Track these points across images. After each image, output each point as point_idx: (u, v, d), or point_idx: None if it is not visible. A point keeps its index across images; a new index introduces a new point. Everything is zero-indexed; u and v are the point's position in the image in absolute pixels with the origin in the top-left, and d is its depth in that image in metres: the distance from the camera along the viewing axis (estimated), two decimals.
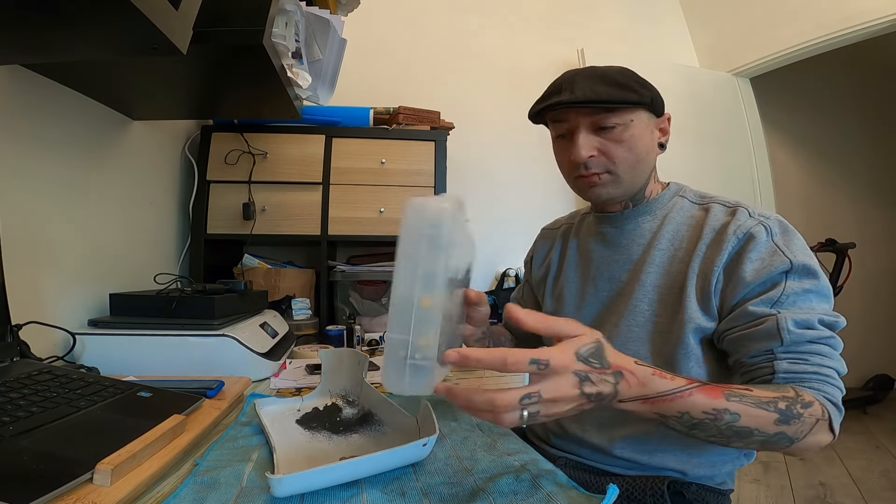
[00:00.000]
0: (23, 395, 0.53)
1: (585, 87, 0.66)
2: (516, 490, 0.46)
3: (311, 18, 1.07)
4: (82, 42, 0.59)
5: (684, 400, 0.49)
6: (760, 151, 2.44)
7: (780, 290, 0.58)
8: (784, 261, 0.59)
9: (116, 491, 0.40)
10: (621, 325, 0.70)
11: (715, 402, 0.50)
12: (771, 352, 0.57)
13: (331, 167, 1.56)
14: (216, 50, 0.81)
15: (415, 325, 0.43)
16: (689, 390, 0.49)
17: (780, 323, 0.56)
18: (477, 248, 0.62)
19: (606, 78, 0.67)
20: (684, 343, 0.65)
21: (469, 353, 0.42)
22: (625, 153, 0.68)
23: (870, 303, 3.07)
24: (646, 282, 0.70)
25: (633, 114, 0.67)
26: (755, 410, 0.50)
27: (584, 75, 0.68)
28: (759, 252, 0.61)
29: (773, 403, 0.51)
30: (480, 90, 2.22)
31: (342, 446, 0.57)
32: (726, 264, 0.63)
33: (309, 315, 1.41)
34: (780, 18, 2.21)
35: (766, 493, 1.83)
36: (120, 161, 1.11)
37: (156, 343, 0.85)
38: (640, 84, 0.68)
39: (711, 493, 0.69)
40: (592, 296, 0.77)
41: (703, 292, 0.64)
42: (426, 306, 0.43)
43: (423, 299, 0.43)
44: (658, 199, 0.74)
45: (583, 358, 0.44)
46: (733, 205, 0.68)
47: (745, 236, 0.62)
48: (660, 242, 0.71)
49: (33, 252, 0.83)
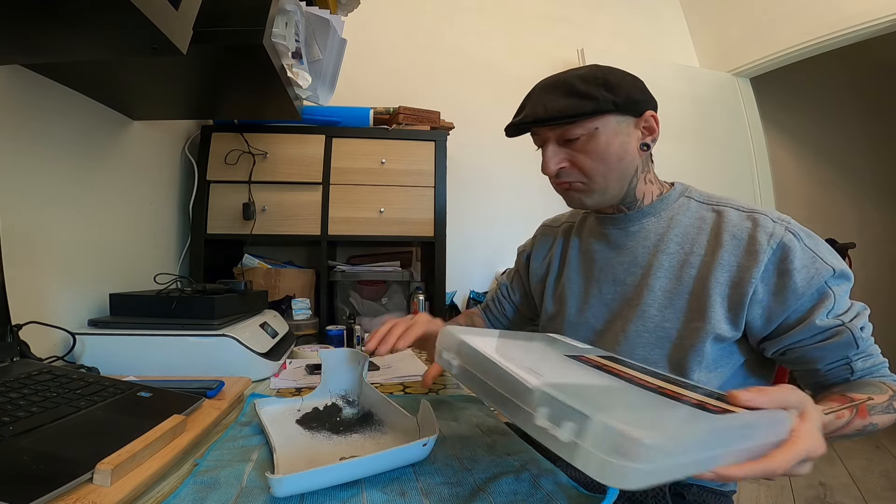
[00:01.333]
0: (23, 396, 0.53)
1: (538, 105, 0.67)
2: (516, 490, 0.46)
3: (311, 18, 1.07)
4: (82, 42, 0.59)
5: (846, 428, 0.53)
6: (760, 151, 2.44)
7: (833, 299, 0.60)
8: (827, 268, 0.60)
9: (116, 491, 0.40)
10: (629, 330, 0.70)
11: (864, 420, 0.54)
12: (846, 358, 0.61)
13: (331, 167, 1.57)
14: (216, 50, 0.81)
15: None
16: (852, 420, 0.53)
17: (854, 333, 0.59)
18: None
19: (566, 88, 0.66)
20: (698, 350, 0.64)
21: (734, 472, 0.35)
22: (593, 163, 0.68)
23: (870, 303, 3.04)
24: (654, 286, 0.69)
25: (598, 121, 0.66)
26: (885, 416, 0.56)
27: (545, 88, 0.68)
28: (801, 261, 0.60)
29: (890, 405, 0.56)
30: (480, 90, 2.23)
31: (342, 446, 0.57)
32: (765, 276, 0.62)
33: (309, 315, 1.41)
34: (780, 18, 2.21)
35: (766, 493, 1.83)
36: (120, 161, 1.11)
37: (156, 343, 0.85)
38: (607, 87, 0.65)
39: (712, 494, 0.69)
40: (597, 298, 0.76)
41: (734, 303, 0.63)
42: None
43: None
44: (663, 199, 0.73)
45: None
46: (749, 210, 0.67)
47: (780, 246, 0.61)
48: (668, 246, 0.69)
49: (33, 252, 0.83)
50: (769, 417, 0.38)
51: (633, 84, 0.68)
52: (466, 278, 2.10)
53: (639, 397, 0.40)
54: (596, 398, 0.38)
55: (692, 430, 0.34)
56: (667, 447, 0.30)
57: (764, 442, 0.37)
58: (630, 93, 0.67)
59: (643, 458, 0.29)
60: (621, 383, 0.43)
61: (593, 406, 0.33)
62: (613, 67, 0.70)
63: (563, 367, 0.48)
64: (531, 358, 0.49)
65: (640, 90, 0.69)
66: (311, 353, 1.10)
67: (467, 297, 2.06)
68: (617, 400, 0.40)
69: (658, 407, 0.39)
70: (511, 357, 0.44)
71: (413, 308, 1.67)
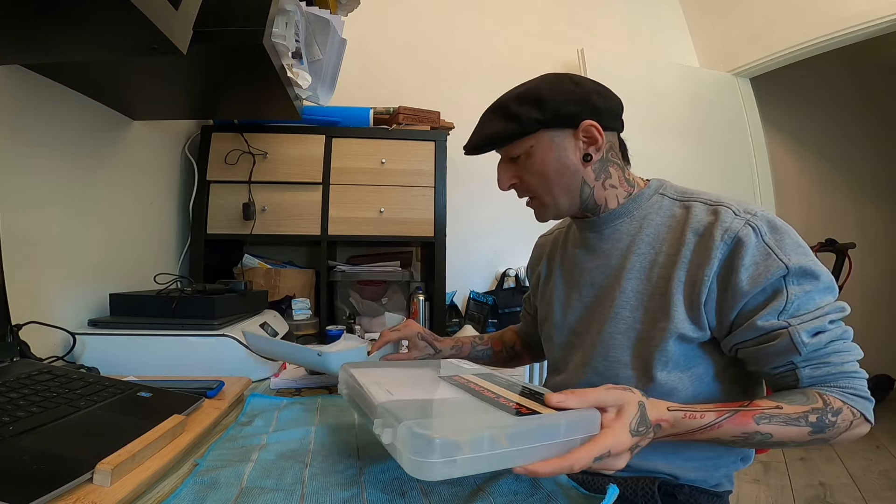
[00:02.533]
0: (23, 395, 0.53)
1: (477, 131, 0.71)
2: (516, 490, 0.46)
3: (311, 18, 1.07)
4: (82, 42, 0.59)
5: (713, 431, 0.53)
6: (760, 151, 2.44)
7: (784, 299, 0.56)
8: (780, 265, 0.56)
9: (116, 491, 0.40)
10: (603, 333, 0.69)
11: (745, 427, 0.53)
12: (791, 363, 0.57)
13: (331, 167, 1.57)
14: (216, 50, 0.81)
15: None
16: (718, 423, 0.52)
17: (794, 337, 0.55)
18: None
19: (503, 110, 0.68)
20: (663, 350, 0.63)
21: (537, 468, 0.39)
22: (535, 179, 0.70)
23: (870, 303, 3.07)
24: (627, 288, 0.68)
25: (531, 139, 0.67)
26: (786, 428, 0.53)
27: (490, 110, 0.71)
28: (752, 257, 0.58)
29: (803, 418, 0.53)
30: (481, 90, 2.21)
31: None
32: (718, 273, 0.60)
33: (309, 315, 1.41)
34: (780, 18, 2.21)
35: (766, 493, 1.83)
36: (120, 161, 1.11)
37: (156, 343, 0.85)
38: (536, 105, 0.65)
39: (705, 494, 0.68)
40: (577, 301, 0.76)
41: (691, 302, 0.61)
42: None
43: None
44: (635, 199, 0.71)
45: (635, 432, 0.46)
46: (715, 202, 0.64)
47: (734, 241, 0.59)
48: (639, 247, 0.68)
49: (33, 252, 0.83)
50: (578, 416, 0.43)
51: (569, 96, 0.66)
52: (466, 278, 2.10)
53: (462, 406, 0.46)
54: (420, 409, 0.45)
55: (484, 429, 0.38)
56: (455, 443, 0.36)
57: (572, 439, 0.42)
58: (559, 107, 0.65)
59: (436, 453, 0.35)
60: (464, 396, 0.49)
61: (408, 414, 0.40)
62: (563, 77, 0.68)
63: (422, 387, 0.54)
64: (400, 382, 0.55)
65: (576, 102, 0.66)
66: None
67: (467, 297, 2.06)
68: (438, 409, 0.46)
69: (470, 413, 0.44)
70: (381, 382, 0.52)
71: (413, 308, 1.67)
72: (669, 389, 0.64)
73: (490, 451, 0.37)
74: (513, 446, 0.38)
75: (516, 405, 0.44)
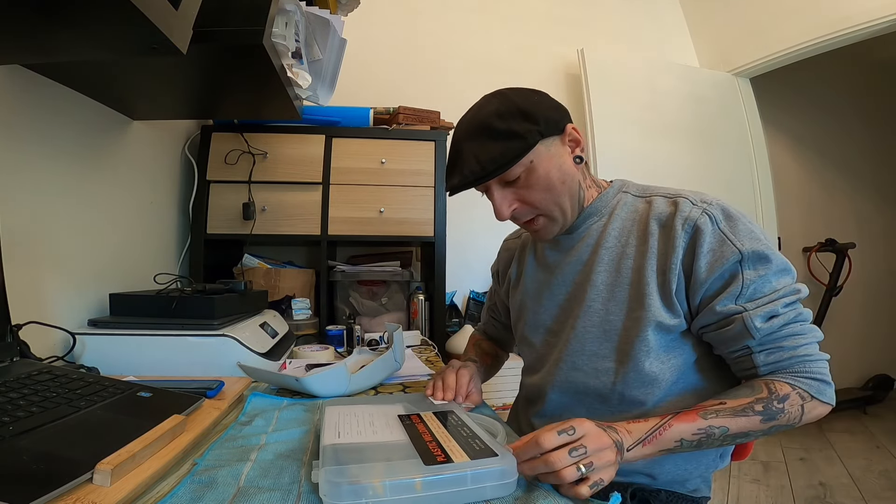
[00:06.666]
0: (23, 395, 0.53)
1: (471, 160, 0.65)
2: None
3: (311, 18, 1.07)
4: (82, 42, 0.59)
5: (668, 432, 0.54)
6: (760, 151, 2.44)
7: (740, 283, 0.59)
8: (734, 251, 0.59)
9: (116, 491, 0.40)
10: (577, 327, 0.71)
11: (695, 424, 0.54)
12: (747, 347, 0.59)
13: (331, 167, 1.57)
14: (216, 50, 0.81)
15: None
16: (665, 424, 0.54)
17: (746, 322, 0.58)
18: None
19: (488, 131, 0.64)
20: (643, 339, 0.65)
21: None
22: (541, 194, 0.67)
23: (870, 303, 3.07)
24: (597, 281, 0.69)
25: (530, 155, 0.65)
26: (737, 419, 0.55)
27: (470, 136, 0.66)
28: (709, 244, 0.61)
29: (749, 408, 0.55)
30: (480, 90, 2.20)
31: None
32: (682, 260, 0.62)
33: (309, 315, 1.41)
34: (780, 18, 2.21)
35: (765, 493, 1.83)
36: (120, 161, 1.11)
37: (156, 343, 0.85)
38: (525, 118, 0.64)
39: (682, 500, 0.68)
40: (549, 300, 0.77)
41: (664, 291, 0.64)
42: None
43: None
44: (601, 198, 0.73)
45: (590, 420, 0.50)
46: (674, 194, 0.68)
47: (693, 229, 0.62)
48: (607, 241, 0.70)
49: (33, 252, 0.83)
50: (487, 465, 0.44)
51: (545, 103, 0.67)
52: (466, 278, 2.10)
53: (390, 452, 0.48)
54: (355, 453, 0.48)
55: (394, 475, 0.42)
56: (363, 489, 0.40)
57: (482, 486, 0.43)
58: (547, 114, 0.66)
59: (344, 497, 0.40)
60: (398, 440, 0.52)
61: (340, 459, 0.45)
62: (518, 91, 0.68)
63: (373, 427, 0.57)
64: (357, 422, 0.58)
65: (553, 108, 0.67)
66: (311, 353, 1.10)
67: (467, 297, 2.06)
68: (371, 454, 0.48)
69: (392, 459, 0.46)
70: (339, 423, 0.58)
71: (413, 308, 1.67)
72: (651, 379, 0.65)
73: (401, 496, 0.41)
74: (430, 492, 0.42)
75: (441, 457, 0.46)
